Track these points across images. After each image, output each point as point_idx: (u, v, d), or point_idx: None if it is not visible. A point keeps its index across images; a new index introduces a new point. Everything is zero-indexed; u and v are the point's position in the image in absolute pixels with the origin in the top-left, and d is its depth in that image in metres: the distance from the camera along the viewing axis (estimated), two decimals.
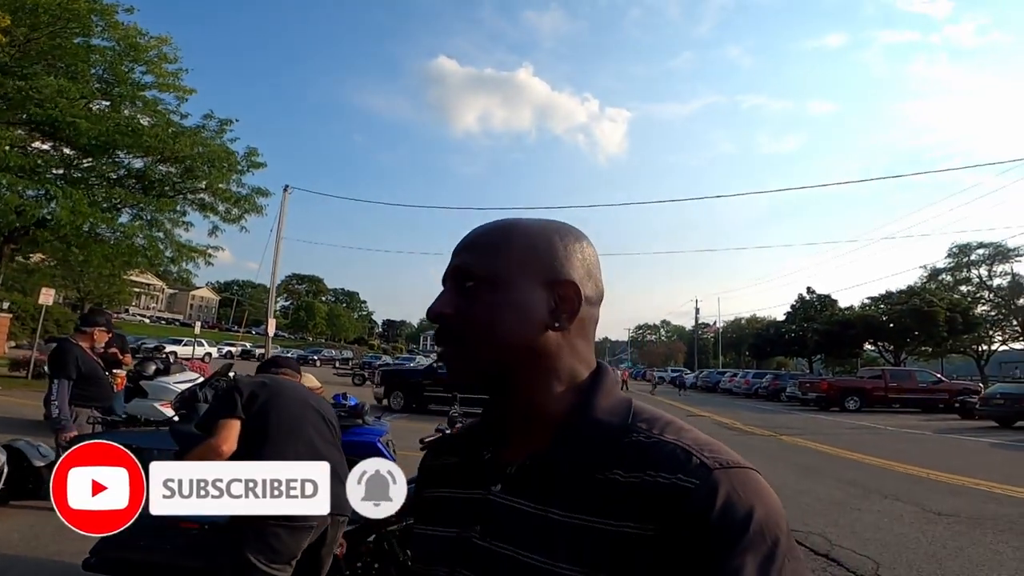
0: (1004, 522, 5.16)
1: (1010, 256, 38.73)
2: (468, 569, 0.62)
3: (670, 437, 0.58)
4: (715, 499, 0.52)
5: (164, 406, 7.95)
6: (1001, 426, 14.86)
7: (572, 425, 0.62)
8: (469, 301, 0.64)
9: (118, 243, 14.23)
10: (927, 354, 41.31)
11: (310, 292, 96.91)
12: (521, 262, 0.65)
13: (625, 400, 0.64)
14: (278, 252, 23.81)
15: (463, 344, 0.64)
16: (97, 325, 4.80)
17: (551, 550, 0.56)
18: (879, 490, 6.63)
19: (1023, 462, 9.23)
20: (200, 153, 13.48)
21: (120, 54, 12.45)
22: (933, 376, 22.51)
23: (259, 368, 2.61)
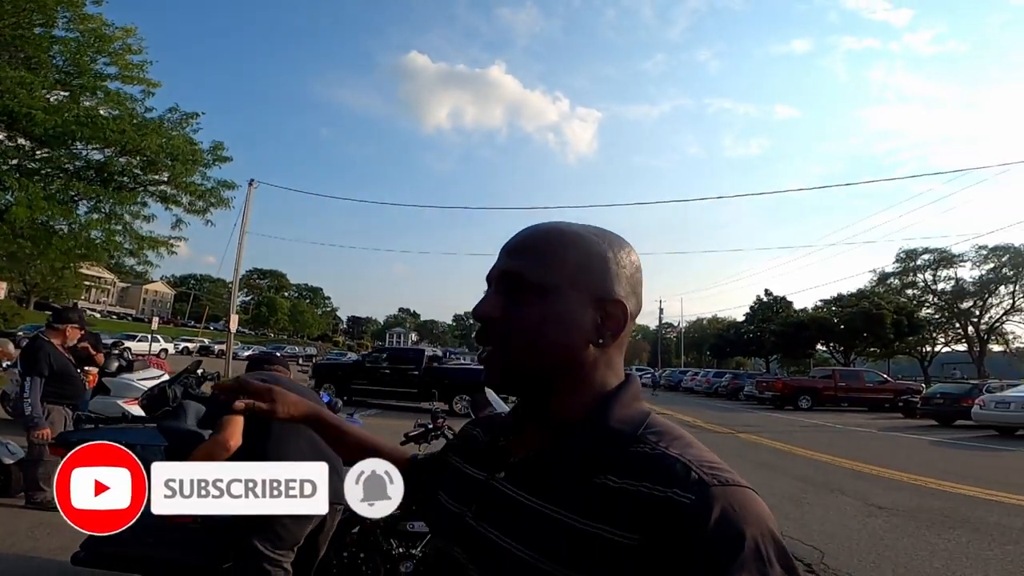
0: (937, 515, 5.60)
1: (953, 261, 40.93)
2: (460, 546, 0.66)
3: (674, 451, 0.58)
4: (709, 516, 0.51)
5: (128, 403, 7.81)
6: (940, 424, 15.76)
7: (582, 428, 0.64)
8: (518, 307, 0.65)
9: (74, 236, 13.76)
10: (875, 355, 43.27)
11: (272, 287, 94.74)
12: (573, 275, 0.65)
13: (642, 412, 0.65)
14: (242, 247, 23.31)
15: (507, 349, 0.65)
16: (70, 322, 4.82)
17: (533, 542, 0.59)
18: (827, 485, 7.05)
19: (958, 459, 9.89)
20: (163, 146, 13.16)
21: (83, 45, 12.06)
22: (880, 376, 23.64)
23: (249, 366, 2.67)
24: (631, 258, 0.70)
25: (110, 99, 13.01)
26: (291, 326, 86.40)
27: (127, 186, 14.14)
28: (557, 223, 0.70)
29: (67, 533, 3.99)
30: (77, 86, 12.33)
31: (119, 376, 8.62)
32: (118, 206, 13.93)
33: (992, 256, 38.74)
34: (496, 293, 0.67)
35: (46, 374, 4.41)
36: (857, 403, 21.66)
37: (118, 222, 14.15)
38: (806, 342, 42.23)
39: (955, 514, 5.63)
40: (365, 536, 2.69)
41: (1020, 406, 12.48)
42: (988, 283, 39.34)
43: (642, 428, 0.62)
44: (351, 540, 2.68)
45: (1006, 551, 4.52)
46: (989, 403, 13.32)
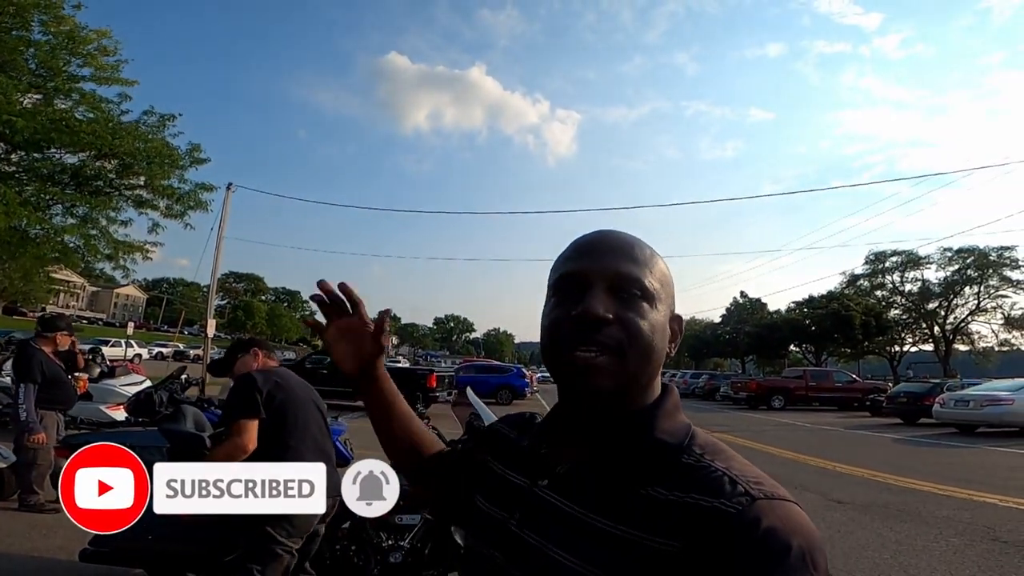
0: (891, 509, 5.94)
1: (920, 263, 42.23)
2: (501, 552, 0.67)
3: (720, 464, 0.60)
4: (757, 528, 0.53)
5: (111, 409, 7.85)
6: (905, 423, 16.34)
7: (630, 438, 0.65)
8: (632, 312, 0.64)
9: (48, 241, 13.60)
10: (846, 355, 44.40)
11: (249, 291, 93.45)
12: (666, 287, 0.69)
13: (685, 424, 0.67)
14: (219, 251, 23.09)
15: (622, 354, 0.63)
16: (59, 329, 5.01)
17: (579, 551, 0.59)
18: (792, 481, 7.36)
19: (916, 455, 10.35)
20: (139, 149, 13.07)
21: (56, 47, 11.98)
22: (848, 376, 24.38)
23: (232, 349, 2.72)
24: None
25: (85, 101, 12.92)
26: (269, 330, 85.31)
27: (102, 190, 14.02)
28: (623, 232, 0.72)
29: (63, 533, 4.14)
30: (51, 89, 12.23)
31: (101, 382, 8.63)
32: (94, 211, 13.82)
33: (957, 258, 40.07)
34: (607, 295, 0.65)
35: (39, 381, 4.58)
36: (827, 402, 22.29)
37: (94, 226, 14.03)
38: (780, 343, 43.20)
39: (907, 508, 5.97)
40: (356, 529, 2.87)
41: (979, 404, 13.03)
42: (953, 284, 40.67)
43: (687, 440, 0.64)
44: (343, 534, 2.85)
45: (951, 543, 4.83)
46: (949, 401, 13.87)
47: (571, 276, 0.67)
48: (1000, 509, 5.97)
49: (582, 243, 0.71)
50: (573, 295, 0.66)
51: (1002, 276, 38.80)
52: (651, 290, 0.66)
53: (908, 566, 4.27)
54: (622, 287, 0.65)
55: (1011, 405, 12.66)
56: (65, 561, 3.63)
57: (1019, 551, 4.60)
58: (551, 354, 0.67)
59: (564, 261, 0.70)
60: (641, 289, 0.65)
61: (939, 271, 41.68)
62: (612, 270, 0.66)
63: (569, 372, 0.64)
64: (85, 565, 2.80)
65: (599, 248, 0.68)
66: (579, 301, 0.64)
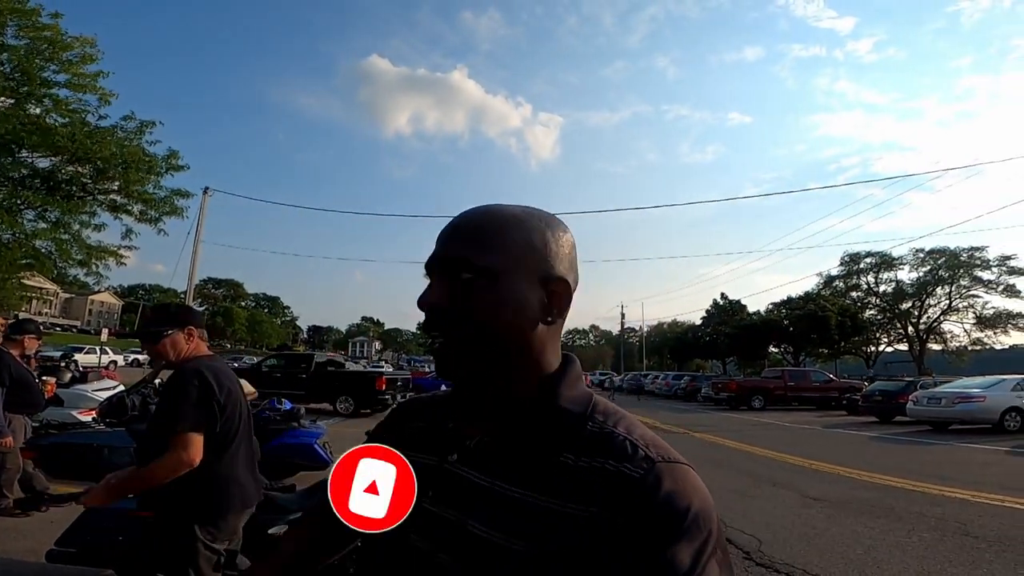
0: (865, 505, 6.06)
1: (894, 265, 43.14)
2: (416, 533, 0.65)
3: (621, 430, 0.62)
4: (658, 490, 0.57)
5: (83, 414, 7.71)
6: (880, 421, 16.63)
7: (535, 409, 0.66)
8: (465, 294, 0.65)
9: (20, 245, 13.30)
10: (823, 355, 45.09)
11: (228, 297, 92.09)
12: (518, 258, 0.66)
13: (587, 393, 0.68)
14: (196, 256, 22.81)
15: (459, 338, 0.65)
16: (28, 332, 4.99)
17: (495, 521, 0.60)
18: (770, 479, 7.49)
19: (891, 453, 10.57)
20: (114, 154, 12.86)
21: (32, 52, 11.78)
22: (825, 376, 24.80)
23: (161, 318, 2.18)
24: (567, 237, 0.71)
25: (59, 107, 12.70)
26: (249, 336, 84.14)
27: (75, 195, 13.75)
28: (492, 206, 0.70)
29: (34, 536, 4.14)
30: (24, 93, 12.00)
31: (73, 387, 8.50)
32: (66, 215, 13.54)
33: (928, 259, 41.00)
34: (441, 282, 0.66)
35: (7, 384, 4.54)
36: (806, 402, 22.61)
37: (66, 231, 13.74)
38: (759, 344, 43.78)
39: (881, 504, 6.09)
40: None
41: (951, 401, 13.34)
42: (925, 285, 41.59)
43: (589, 408, 0.66)
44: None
45: (923, 538, 4.94)
46: (922, 399, 14.17)
47: (426, 266, 0.70)
48: (972, 504, 6.11)
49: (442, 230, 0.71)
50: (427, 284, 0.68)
51: (973, 276, 39.77)
52: (488, 267, 0.64)
53: (881, 561, 4.35)
54: (453, 270, 0.66)
55: (982, 402, 13.00)
56: (35, 564, 3.57)
57: (990, 546, 4.71)
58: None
59: None
60: (471, 269, 0.65)
61: (912, 272, 42.66)
62: (441, 256, 0.67)
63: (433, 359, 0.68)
64: (55, 566, 2.76)
65: (443, 234, 0.69)
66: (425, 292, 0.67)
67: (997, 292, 39.11)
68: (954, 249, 39.61)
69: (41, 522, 4.57)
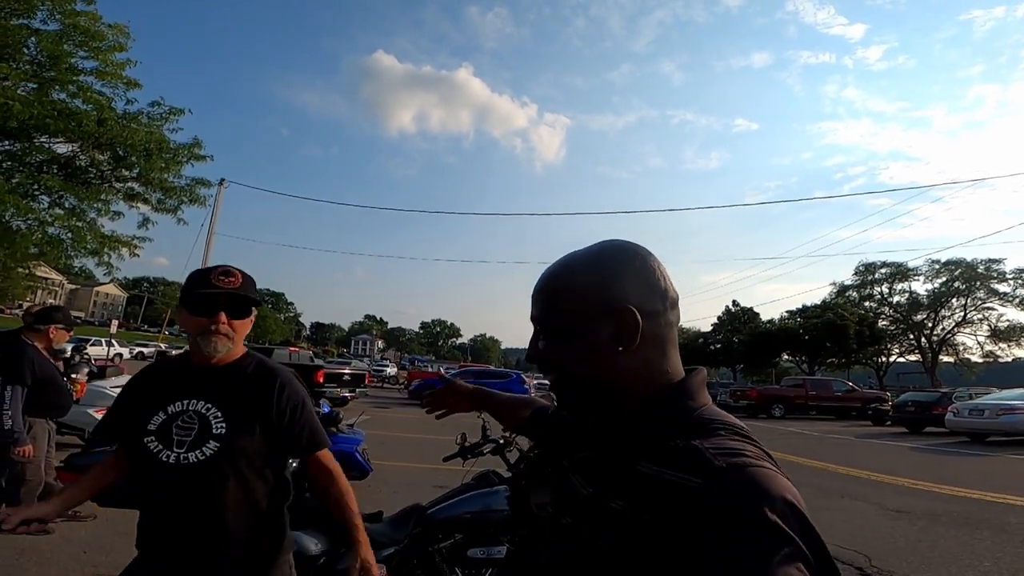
0: (959, 518, 5.67)
1: (908, 275, 42.76)
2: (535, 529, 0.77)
3: (697, 441, 0.63)
4: (719, 496, 0.56)
5: (100, 412, 7.20)
6: (910, 432, 16.26)
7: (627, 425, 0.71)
8: (546, 346, 0.76)
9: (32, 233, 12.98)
10: (834, 365, 44.70)
11: None
12: (574, 308, 0.73)
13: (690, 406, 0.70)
14: (209, 248, 22.52)
15: (557, 380, 0.76)
16: (54, 322, 4.23)
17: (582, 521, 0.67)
18: (835, 491, 7.09)
19: (945, 464, 10.17)
20: (142, 139, 12.58)
21: (63, 36, 11.54)
22: (847, 385, 24.36)
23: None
24: (634, 264, 0.75)
25: (84, 93, 12.45)
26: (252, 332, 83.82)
27: (92, 181, 13.44)
28: (566, 259, 0.79)
29: (58, 560, 3.64)
30: (48, 79, 11.73)
31: (90, 383, 7.97)
32: (83, 202, 13.22)
33: (944, 270, 40.63)
34: (535, 335, 0.79)
35: (29, 383, 3.87)
36: (825, 411, 22.18)
37: (81, 219, 13.42)
38: (772, 352, 43.35)
39: (976, 516, 5.71)
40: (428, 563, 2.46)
41: (994, 413, 12.96)
42: (941, 296, 41.21)
43: (687, 421, 0.67)
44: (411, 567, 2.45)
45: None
46: (963, 411, 13.78)
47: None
48: None
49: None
50: None
51: (989, 288, 39.39)
52: (555, 327, 0.75)
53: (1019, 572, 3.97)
54: (539, 330, 0.78)
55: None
56: None
57: None
58: None
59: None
60: (549, 329, 0.76)
61: (927, 283, 42.29)
62: (533, 316, 0.79)
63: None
64: None
65: (533, 293, 0.80)
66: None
67: (1013, 305, 38.73)
68: (971, 261, 39.24)
69: (63, 542, 3.98)
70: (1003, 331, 39.84)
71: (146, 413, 1.46)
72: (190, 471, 1.40)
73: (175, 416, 1.44)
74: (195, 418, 1.44)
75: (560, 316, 0.74)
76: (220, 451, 1.41)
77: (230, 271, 1.49)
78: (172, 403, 1.45)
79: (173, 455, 1.40)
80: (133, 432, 1.46)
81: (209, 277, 1.44)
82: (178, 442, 1.41)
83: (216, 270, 1.48)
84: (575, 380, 0.74)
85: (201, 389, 1.48)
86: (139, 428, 1.44)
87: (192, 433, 1.42)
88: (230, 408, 1.46)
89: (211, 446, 1.41)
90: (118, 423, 1.55)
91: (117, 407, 1.58)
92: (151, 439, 1.42)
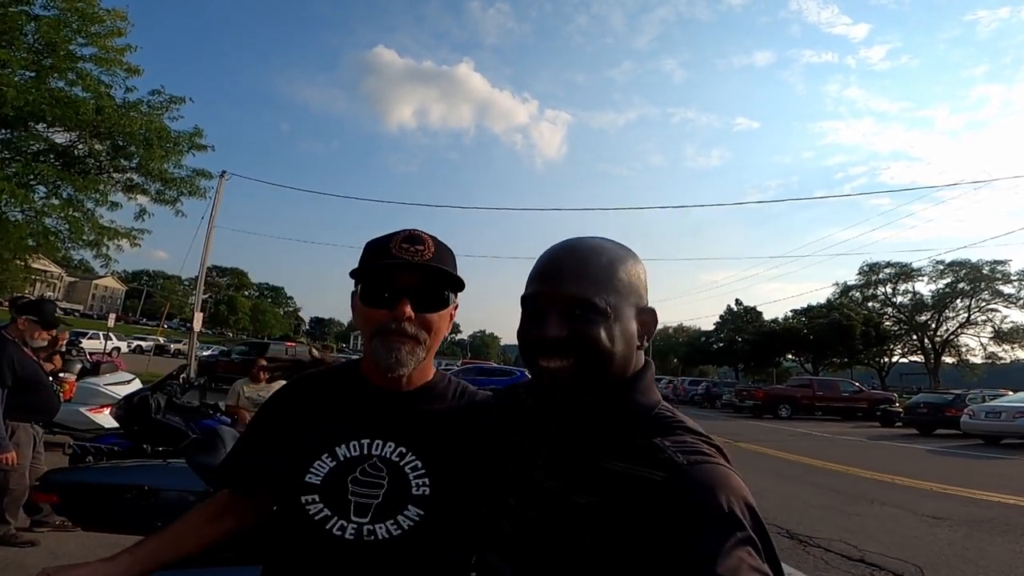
0: (1000, 524, 5.40)
1: (912, 276, 42.50)
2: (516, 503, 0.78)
3: (658, 439, 0.67)
4: (679, 489, 0.60)
5: (94, 412, 6.82)
6: (921, 434, 16.02)
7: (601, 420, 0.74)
8: (583, 326, 0.71)
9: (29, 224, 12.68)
10: (836, 365, 44.47)
11: (232, 286, 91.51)
12: (624, 294, 0.74)
13: (652, 404, 0.75)
14: (209, 241, 22.23)
15: (579, 366, 0.71)
16: (21, 313, 3.87)
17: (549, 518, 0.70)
18: (862, 495, 6.82)
19: (971, 467, 9.90)
20: (141, 128, 12.28)
21: (61, 23, 11.25)
22: (854, 386, 24.10)
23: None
24: (644, 268, 0.80)
25: (82, 80, 12.16)
26: (251, 326, 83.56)
27: (91, 171, 13.13)
28: (585, 241, 0.78)
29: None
30: (47, 66, 11.43)
31: (83, 380, 7.54)
32: (80, 192, 12.91)
33: (948, 271, 40.37)
34: (558, 316, 0.72)
35: (9, 383, 3.54)
36: (831, 412, 21.92)
37: (77, 209, 13.11)
38: (777, 351, 43.12)
39: (1015, 522, 5.47)
40: None
41: (1011, 416, 12.71)
42: (945, 297, 40.96)
43: (649, 419, 0.72)
44: None
45: None
46: (979, 413, 13.54)
47: (530, 298, 0.76)
48: None
49: (543, 262, 0.77)
50: (533, 316, 0.75)
51: (994, 290, 39.14)
52: (602, 306, 0.71)
53: None
54: (573, 309, 0.72)
55: None
56: None
57: None
58: (524, 363, 0.77)
59: (529, 281, 0.78)
60: (591, 308, 0.71)
61: (931, 283, 42.03)
62: (564, 294, 0.73)
63: (538, 380, 0.76)
64: None
65: (555, 270, 0.75)
66: (537, 323, 0.73)
67: (1017, 306, 38.49)
68: (976, 262, 38.98)
69: (49, 556, 3.63)
70: (1007, 332, 39.59)
71: (300, 457, 0.92)
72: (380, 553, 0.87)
73: (351, 464, 0.91)
74: (383, 469, 0.91)
75: (610, 296, 0.72)
76: (424, 521, 0.90)
77: (419, 236, 0.94)
78: (344, 443, 0.92)
79: (352, 526, 0.88)
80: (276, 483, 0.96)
81: (389, 244, 0.92)
82: (358, 506, 0.89)
83: (397, 236, 0.93)
84: (605, 364, 0.72)
85: (389, 423, 0.95)
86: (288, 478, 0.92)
87: (379, 493, 0.90)
88: (433, 455, 0.93)
89: (411, 514, 0.89)
90: (252, 472, 1.01)
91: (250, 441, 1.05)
92: (312, 498, 0.89)
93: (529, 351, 0.75)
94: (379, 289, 0.91)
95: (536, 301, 0.75)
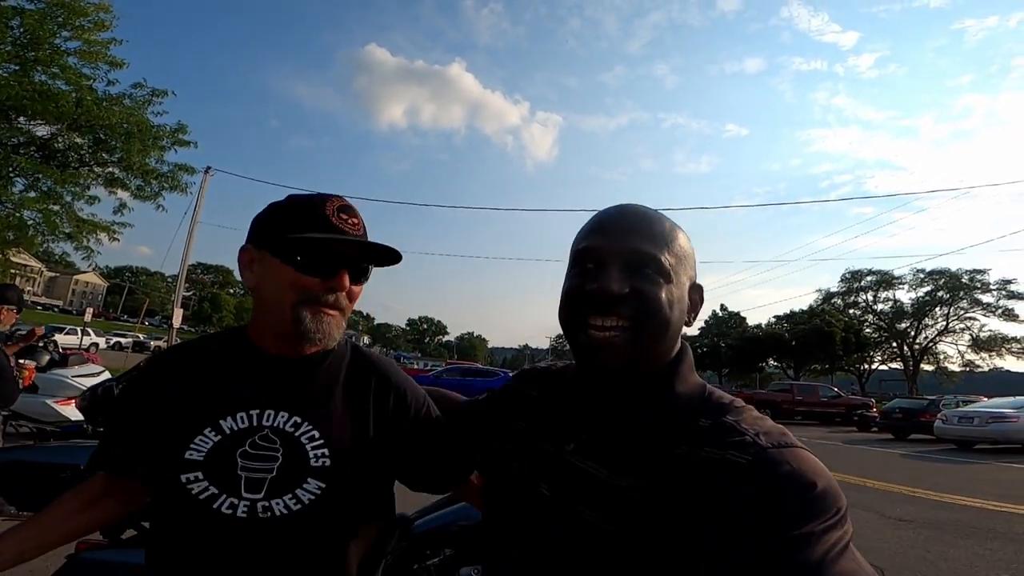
0: (965, 527, 5.49)
1: (893, 284, 43.18)
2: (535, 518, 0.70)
3: (731, 419, 0.64)
4: (768, 473, 0.57)
5: (61, 404, 6.72)
6: (896, 438, 16.26)
7: (651, 401, 0.68)
8: (647, 285, 0.67)
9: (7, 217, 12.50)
10: (817, 371, 45.04)
11: (217, 283, 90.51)
12: (683, 262, 0.71)
13: (700, 384, 0.71)
14: (192, 238, 22.04)
15: (638, 329, 0.67)
16: (5, 302, 3.79)
17: (609, 512, 0.63)
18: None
19: (941, 471, 10.03)
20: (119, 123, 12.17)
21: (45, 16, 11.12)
22: (833, 391, 24.43)
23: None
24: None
25: (65, 75, 12.03)
26: (235, 323, 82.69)
27: (71, 164, 12.98)
28: (644, 207, 0.74)
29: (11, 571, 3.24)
30: (30, 59, 11.29)
31: (50, 371, 7.42)
32: (59, 185, 12.75)
33: (928, 279, 41.07)
34: (621, 271, 0.68)
35: None
36: (810, 416, 22.27)
37: (56, 202, 12.94)
38: (760, 356, 43.57)
39: (983, 526, 5.54)
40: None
41: (983, 421, 12.94)
42: (924, 305, 41.65)
43: (703, 399, 0.68)
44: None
45: None
46: (952, 418, 13.76)
47: (589, 251, 0.71)
48: None
49: (603, 218, 0.73)
50: (591, 270, 0.70)
51: (973, 299, 39.87)
52: (666, 266, 0.68)
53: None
54: (637, 264, 0.68)
55: (1016, 422, 12.59)
56: None
57: None
58: (568, 323, 0.70)
59: (585, 235, 0.73)
60: (656, 266, 0.68)
61: (911, 291, 42.73)
62: (628, 248, 0.68)
63: (585, 347, 0.68)
64: None
65: (617, 225, 0.71)
66: (596, 277, 0.68)
67: (995, 315, 39.24)
68: (955, 271, 39.71)
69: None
70: (984, 341, 40.33)
71: (178, 431, 0.85)
72: (278, 530, 0.82)
73: (239, 437, 0.84)
74: (276, 441, 0.85)
75: (671, 260, 0.69)
76: (325, 495, 0.85)
77: (351, 206, 0.91)
78: (230, 415, 0.86)
79: (243, 504, 0.82)
80: (155, 464, 0.87)
81: (325, 212, 0.86)
82: (249, 481, 0.82)
83: (331, 203, 0.88)
84: (662, 330, 0.68)
85: (280, 392, 0.88)
86: (167, 457, 0.84)
87: (274, 466, 0.83)
88: (331, 424, 0.88)
89: (311, 487, 0.84)
90: (126, 451, 0.91)
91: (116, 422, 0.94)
92: (194, 476, 0.82)
93: (581, 308, 0.68)
94: (318, 257, 0.86)
95: (599, 254, 0.69)
